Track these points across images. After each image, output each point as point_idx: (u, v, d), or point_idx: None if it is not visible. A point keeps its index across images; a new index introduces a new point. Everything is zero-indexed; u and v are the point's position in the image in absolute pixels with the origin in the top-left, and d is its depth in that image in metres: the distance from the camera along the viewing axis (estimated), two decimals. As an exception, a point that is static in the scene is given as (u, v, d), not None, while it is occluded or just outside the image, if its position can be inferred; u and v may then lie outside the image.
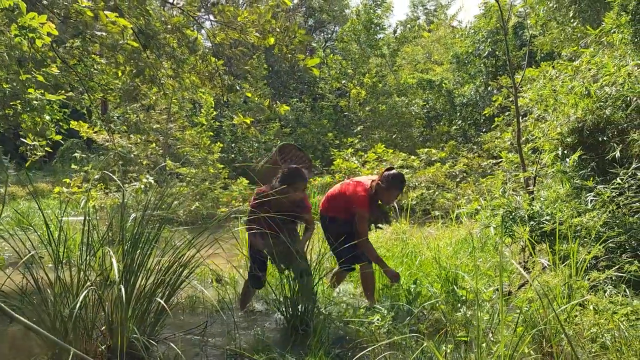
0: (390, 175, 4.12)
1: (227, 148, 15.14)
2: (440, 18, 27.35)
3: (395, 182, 4.12)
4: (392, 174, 4.14)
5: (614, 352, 2.88)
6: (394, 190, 4.16)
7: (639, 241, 4.22)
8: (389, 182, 4.09)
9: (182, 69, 5.72)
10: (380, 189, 4.10)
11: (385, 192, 4.11)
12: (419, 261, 5.14)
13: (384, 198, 4.19)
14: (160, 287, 3.26)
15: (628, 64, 5.36)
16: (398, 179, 4.16)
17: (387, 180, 4.10)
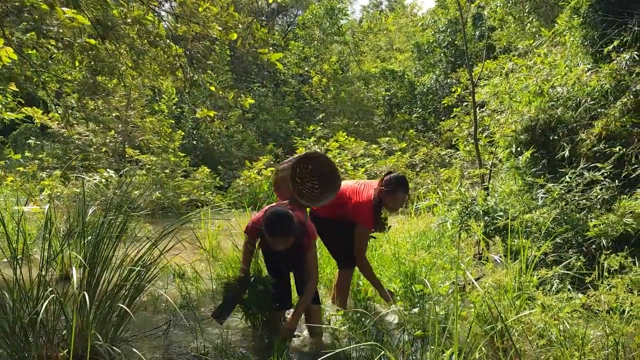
0: (394, 178, 3.91)
1: (189, 134, 14.95)
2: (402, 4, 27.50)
3: (400, 185, 3.90)
4: (395, 176, 3.94)
5: (558, 347, 3.07)
6: (400, 194, 3.92)
7: (584, 237, 4.46)
8: (393, 186, 3.86)
9: (142, 60, 5.62)
10: (385, 194, 3.87)
11: (391, 196, 3.88)
12: (378, 254, 5.25)
13: (390, 204, 3.94)
14: (123, 289, 3.25)
15: (579, 65, 5.60)
16: (402, 181, 3.95)
17: (392, 184, 3.87)
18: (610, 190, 4.66)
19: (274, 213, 3.21)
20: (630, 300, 3.09)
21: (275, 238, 3.18)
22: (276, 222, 3.16)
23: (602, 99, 5.21)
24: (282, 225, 3.15)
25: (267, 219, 3.18)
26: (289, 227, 3.16)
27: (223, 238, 6.23)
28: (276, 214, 3.20)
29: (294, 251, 3.33)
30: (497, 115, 7.53)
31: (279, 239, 3.18)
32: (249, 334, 3.68)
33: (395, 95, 18.91)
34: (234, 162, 14.88)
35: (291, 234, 3.18)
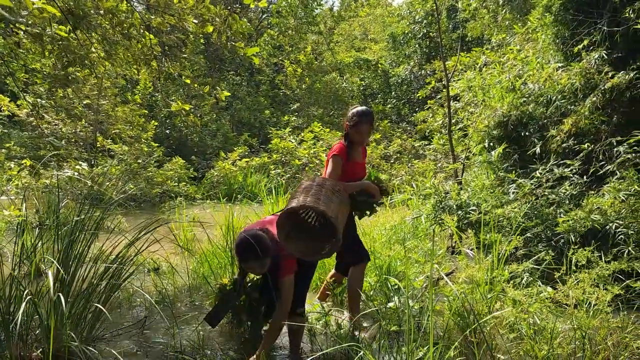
0: (355, 111, 3.77)
1: (162, 123, 14.74)
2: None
3: (362, 116, 3.74)
4: (355, 109, 3.79)
5: (528, 341, 3.17)
6: (362, 125, 3.74)
7: (553, 232, 4.59)
8: (355, 118, 3.72)
9: (115, 51, 5.52)
10: (350, 129, 3.75)
11: (355, 130, 3.73)
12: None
13: (356, 137, 3.76)
14: (98, 287, 3.22)
15: (550, 62, 5.71)
16: (362, 111, 3.79)
17: (353, 117, 3.74)
18: (579, 186, 4.80)
19: (244, 237, 3.01)
20: (597, 295, 3.20)
21: (248, 263, 3.06)
22: (246, 246, 2.96)
23: (572, 96, 5.34)
24: (252, 249, 2.95)
25: (237, 245, 3.02)
26: (261, 250, 2.96)
27: (198, 230, 6.20)
28: (245, 239, 2.99)
29: (272, 272, 3.17)
30: (470, 108, 7.65)
31: (252, 263, 3.04)
32: (226, 330, 3.68)
33: (370, 86, 18.97)
34: (208, 152, 14.75)
35: (265, 257, 3.01)
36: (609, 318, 3.07)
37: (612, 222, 4.14)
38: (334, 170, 3.66)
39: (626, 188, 4.21)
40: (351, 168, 3.78)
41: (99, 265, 3.24)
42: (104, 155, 10.90)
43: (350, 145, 3.78)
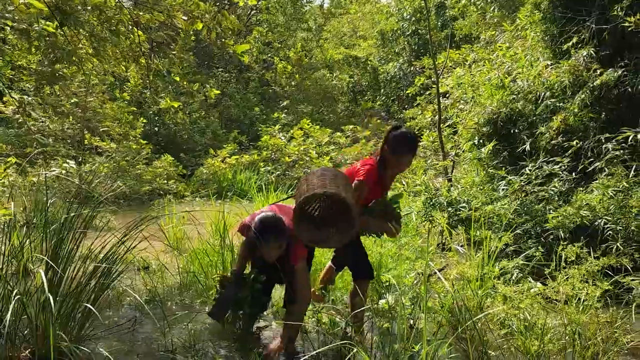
0: (398, 135, 3.25)
1: (150, 120, 14.62)
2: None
3: (405, 142, 3.26)
4: (399, 133, 3.27)
5: (519, 337, 3.19)
6: (407, 156, 3.32)
7: (543, 228, 4.62)
8: (396, 144, 3.24)
9: (103, 48, 5.46)
10: (388, 154, 3.27)
11: (397, 158, 3.27)
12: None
13: (395, 167, 3.33)
14: (87, 287, 3.18)
15: (539, 60, 5.75)
16: (410, 139, 3.30)
17: (395, 141, 3.24)
18: (568, 182, 4.84)
19: (265, 218, 3.03)
20: (586, 290, 3.23)
21: (269, 244, 3.00)
22: (268, 227, 2.99)
23: (561, 93, 5.38)
24: (275, 230, 2.99)
25: (259, 226, 2.99)
26: (282, 231, 3.00)
27: (188, 228, 6.16)
28: (267, 219, 3.03)
29: (284, 263, 3.14)
30: (459, 104, 7.68)
31: (273, 243, 3.00)
32: (217, 330, 3.66)
33: (359, 82, 18.99)
34: (197, 149, 14.67)
35: (284, 239, 3.01)
36: (598, 313, 3.10)
37: (601, 219, 4.18)
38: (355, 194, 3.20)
39: (614, 184, 4.25)
40: (372, 192, 3.35)
41: (88, 264, 3.21)
42: (92, 152, 10.79)
43: (384, 173, 3.36)
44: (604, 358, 2.99)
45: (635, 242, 3.95)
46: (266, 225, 3.00)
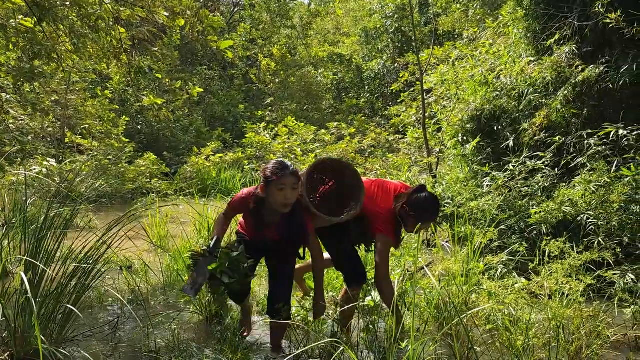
0: (422, 199, 3.15)
1: (133, 118, 14.46)
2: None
3: (427, 210, 3.18)
4: (424, 197, 3.16)
5: (504, 331, 3.20)
6: (422, 220, 3.22)
7: (526, 223, 4.66)
8: (421, 211, 3.15)
9: (83, 44, 5.37)
10: (408, 216, 3.17)
11: (414, 220, 3.18)
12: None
13: (410, 227, 3.23)
14: (68, 287, 3.13)
15: (522, 56, 5.78)
16: (431, 205, 3.19)
17: (417, 205, 3.14)
18: (550, 178, 4.87)
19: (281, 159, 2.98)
20: (570, 285, 3.25)
21: (287, 177, 2.84)
22: (286, 164, 2.90)
23: (544, 90, 5.42)
24: (292, 166, 2.90)
25: (276, 163, 2.90)
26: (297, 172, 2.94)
27: (172, 227, 6.10)
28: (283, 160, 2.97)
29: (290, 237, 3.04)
30: (443, 101, 7.70)
31: (290, 180, 2.85)
32: (202, 329, 3.63)
33: (343, 80, 18.99)
34: (181, 147, 14.54)
35: (299, 180, 2.91)
36: (582, 308, 3.13)
37: (583, 214, 4.22)
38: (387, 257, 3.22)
39: (596, 179, 4.29)
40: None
41: (69, 264, 3.15)
42: (73, 151, 10.63)
43: (399, 231, 3.29)
44: (587, 352, 3.01)
45: (616, 236, 3.99)
46: (283, 162, 2.91)
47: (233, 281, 2.99)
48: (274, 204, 2.91)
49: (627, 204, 3.98)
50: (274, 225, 3.05)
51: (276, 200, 2.88)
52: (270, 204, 2.94)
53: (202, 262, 3.02)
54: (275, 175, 2.84)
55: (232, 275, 3.00)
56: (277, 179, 2.83)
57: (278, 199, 2.87)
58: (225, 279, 2.98)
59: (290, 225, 3.02)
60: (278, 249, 3.16)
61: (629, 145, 4.33)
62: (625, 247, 3.94)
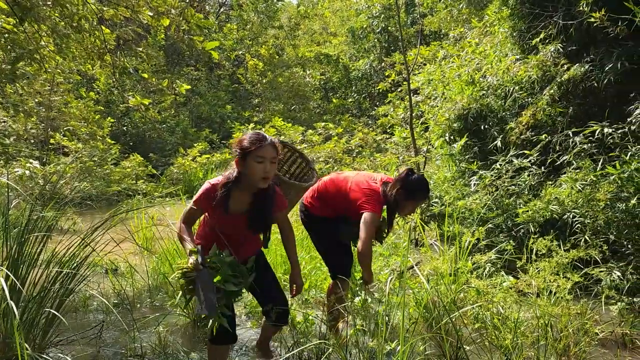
0: (416, 181, 3.27)
1: (118, 120, 14.32)
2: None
3: (421, 189, 3.30)
4: (417, 179, 3.28)
5: (492, 330, 3.20)
6: (418, 200, 3.38)
7: (514, 222, 4.67)
8: (414, 190, 3.25)
9: (66, 45, 5.29)
10: (402, 197, 3.25)
11: (407, 201, 3.27)
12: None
13: (403, 208, 3.33)
14: (51, 292, 3.07)
15: (508, 55, 5.80)
16: (425, 185, 3.33)
17: (412, 186, 3.24)
18: (537, 176, 4.90)
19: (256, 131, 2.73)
20: (557, 283, 3.26)
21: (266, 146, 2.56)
22: (262, 134, 2.63)
23: (530, 88, 5.44)
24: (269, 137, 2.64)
25: (251, 134, 2.62)
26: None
27: (158, 229, 6.03)
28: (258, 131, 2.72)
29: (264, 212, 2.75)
30: (430, 101, 7.72)
31: (269, 148, 2.58)
32: (188, 332, 3.59)
33: (330, 80, 18.99)
34: (167, 148, 14.44)
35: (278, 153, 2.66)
36: (569, 305, 3.14)
37: (570, 212, 4.24)
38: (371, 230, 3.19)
39: (582, 178, 4.31)
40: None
41: (52, 267, 3.09)
42: (57, 153, 10.50)
43: (389, 211, 3.36)
44: (575, 349, 3.02)
45: (603, 234, 4.02)
46: (261, 133, 2.64)
47: (241, 287, 2.73)
48: (252, 179, 2.59)
49: (613, 201, 4.01)
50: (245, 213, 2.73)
51: (255, 175, 2.57)
52: (245, 180, 2.63)
53: (201, 277, 2.63)
54: (253, 145, 2.54)
55: (237, 282, 2.71)
56: (255, 149, 2.53)
57: (257, 173, 2.56)
58: (231, 287, 2.65)
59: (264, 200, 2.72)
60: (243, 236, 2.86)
61: (614, 143, 4.36)
62: (611, 244, 3.96)
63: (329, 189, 3.41)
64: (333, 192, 3.38)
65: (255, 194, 2.68)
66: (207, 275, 2.60)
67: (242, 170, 2.60)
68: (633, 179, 3.94)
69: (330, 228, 3.42)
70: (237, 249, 2.74)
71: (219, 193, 2.64)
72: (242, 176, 2.62)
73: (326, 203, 3.41)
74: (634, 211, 3.90)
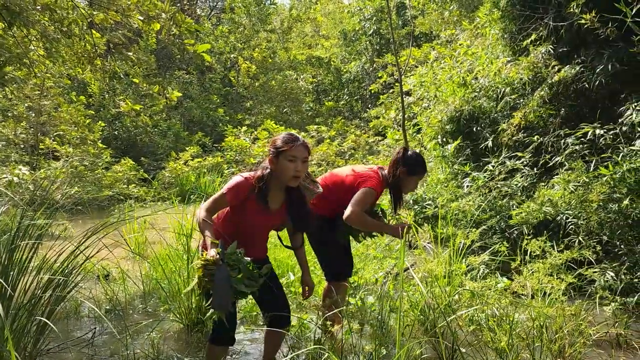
0: (414, 157, 3.35)
1: (109, 124, 14.22)
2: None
3: (421, 164, 3.38)
4: (415, 155, 3.37)
5: (487, 331, 3.20)
6: (419, 175, 3.42)
7: (507, 223, 4.68)
8: (414, 165, 3.33)
9: (55, 49, 5.24)
10: (406, 174, 3.32)
11: (409, 177, 3.34)
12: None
13: (407, 185, 3.40)
14: (42, 299, 3.03)
15: (499, 57, 5.82)
16: (422, 160, 3.42)
17: (412, 162, 3.32)
18: (530, 177, 4.91)
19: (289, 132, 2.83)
20: (552, 284, 3.26)
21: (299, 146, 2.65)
22: (295, 135, 2.74)
23: (521, 90, 5.46)
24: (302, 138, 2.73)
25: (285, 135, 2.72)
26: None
27: (150, 233, 5.99)
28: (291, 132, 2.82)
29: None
30: (422, 103, 7.73)
31: (301, 148, 2.67)
32: (183, 338, 3.55)
33: (322, 82, 19.00)
34: (159, 152, 14.36)
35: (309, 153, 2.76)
36: (564, 307, 3.14)
37: (563, 214, 4.25)
38: (363, 201, 3.18)
39: (575, 179, 4.32)
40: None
41: (43, 274, 3.04)
42: (48, 158, 10.41)
43: (390, 190, 3.41)
44: (570, 350, 3.02)
45: (596, 235, 4.03)
46: (294, 134, 2.73)
47: (251, 289, 2.67)
48: (283, 177, 2.67)
49: (606, 202, 4.02)
50: (277, 209, 2.79)
51: (286, 173, 2.65)
52: (277, 179, 2.70)
53: (220, 272, 2.58)
54: (287, 145, 2.64)
55: (249, 283, 2.66)
56: (288, 148, 2.63)
57: (288, 171, 2.64)
58: (242, 288, 2.62)
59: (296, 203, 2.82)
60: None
61: (606, 144, 4.37)
62: (604, 245, 3.98)
63: (328, 183, 3.41)
64: (332, 185, 3.38)
65: (289, 192, 2.76)
66: (225, 272, 2.56)
67: (275, 168, 2.68)
68: (625, 179, 3.95)
69: (330, 228, 3.40)
70: (254, 245, 2.81)
71: (257, 187, 2.69)
72: (274, 174, 2.71)
73: (326, 198, 3.33)
74: (627, 212, 3.91)
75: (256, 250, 2.84)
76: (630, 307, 3.77)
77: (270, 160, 2.70)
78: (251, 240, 2.80)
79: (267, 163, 2.73)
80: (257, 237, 2.87)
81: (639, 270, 3.79)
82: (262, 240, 2.92)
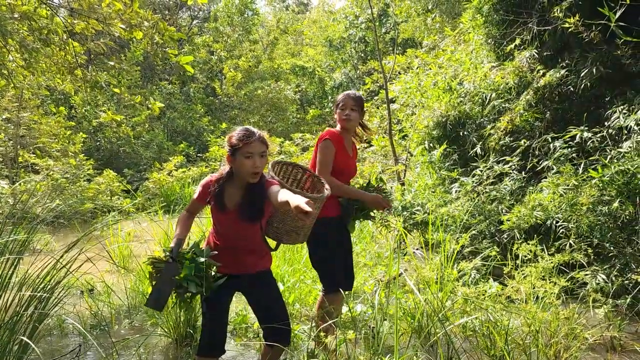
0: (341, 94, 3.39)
1: (91, 135, 14.00)
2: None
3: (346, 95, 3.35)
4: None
5: (481, 336, 3.16)
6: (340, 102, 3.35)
7: (497, 227, 4.66)
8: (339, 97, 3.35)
9: (35, 59, 5.13)
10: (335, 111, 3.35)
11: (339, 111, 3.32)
12: (300, 256, 5.17)
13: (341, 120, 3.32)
14: (23, 317, 2.91)
15: (484, 63, 5.84)
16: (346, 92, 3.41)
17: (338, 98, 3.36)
18: (518, 181, 4.91)
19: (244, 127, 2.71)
20: (545, 288, 3.24)
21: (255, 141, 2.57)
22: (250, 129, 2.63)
23: (507, 94, 5.48)
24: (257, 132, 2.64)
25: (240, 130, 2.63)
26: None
27: (135, 246, 5.86)
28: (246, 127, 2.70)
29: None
30: (407, 109, 7.73)
31: (257, 143, 2.58)
32: (171, 352, 3.45)
33: (306, 91, 19.01)
34: (142, 163, 14.17)
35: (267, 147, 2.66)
36: (558, 310, 3.11)
37: (553, 217, 4.24)
38: (325, 159, 3.13)
39: (564, 182, 4.32)
40: (343, 161, 3.25)
41: (25, 291, 2.93)
42: (28, 170, 10.19)
43: (345, 135, 3.30)
44: (566, 354, 2.99)
45: (586, 237, 4.03)
46: (249, 128, 2.64)
47: (202, 289, 2.65)
48: (242, 174, 2.61)
49: (595, 205, 4.02)
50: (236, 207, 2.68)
51: (244, 170, 2.58)
52: (237, 176, 2.65)
53: (166, 270, 2.64)
54: (242, 142, 2.57)
55: (200, 283, 2.64)
56: (244, 145, 2.56)
57: (246, 167, 2.58)
58: (192, 288, 2.61)
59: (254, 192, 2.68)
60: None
61: (594, 147, 4.39)
62: (595, 247, 3.97)
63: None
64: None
65: (247, 188, 2.66)
66: (173, 271, 2.59)
67: (233, 166, 2.63)
68: (614, 182, 3.96)
69: (330, 229, 3.24)
70: (243, 259, 2.74)
71: (211, 189, 2.66)
72: (234, 172, 2.65)
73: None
74: (617, 214, 3.92)
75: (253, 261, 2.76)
76: (623, 309, 3.77)
77: (227, 158, 2.64)
78: (240, 250, 2.72)
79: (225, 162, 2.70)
80: (240, 251, 2.74)
81: (629, 272, 3.79)
82: (246, 253, 2.76)
